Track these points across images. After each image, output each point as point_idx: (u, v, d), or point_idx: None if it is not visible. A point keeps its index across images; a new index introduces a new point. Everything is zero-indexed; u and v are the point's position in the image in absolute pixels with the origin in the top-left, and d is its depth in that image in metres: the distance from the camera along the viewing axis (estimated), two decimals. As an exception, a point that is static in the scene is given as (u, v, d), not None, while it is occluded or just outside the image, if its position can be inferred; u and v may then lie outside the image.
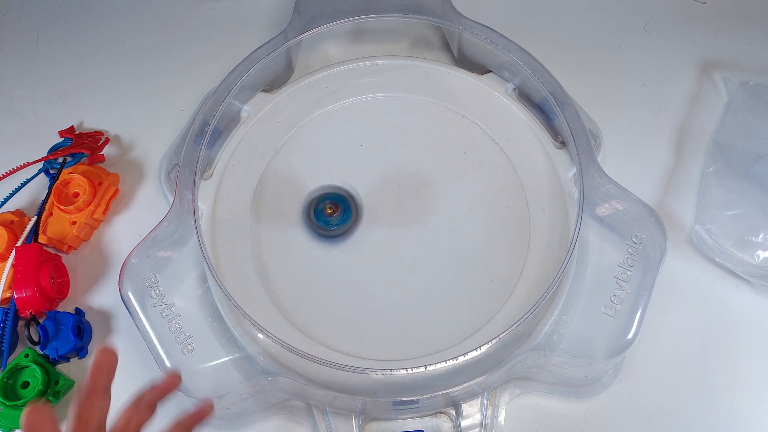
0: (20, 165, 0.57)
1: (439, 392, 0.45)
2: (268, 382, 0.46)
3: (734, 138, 0.56)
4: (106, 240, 0.56)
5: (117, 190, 0.57)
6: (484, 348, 0.45)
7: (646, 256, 0.48)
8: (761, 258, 0.51)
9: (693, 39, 0.63)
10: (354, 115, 0.57)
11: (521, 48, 0.54)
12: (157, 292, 0.48)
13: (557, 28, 0.64)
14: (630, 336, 0.46)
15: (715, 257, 0.52)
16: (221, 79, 0.54)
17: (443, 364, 0.44)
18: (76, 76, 0.63)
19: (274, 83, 0.58)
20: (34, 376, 0.48)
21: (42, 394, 0.48)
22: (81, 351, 0.51)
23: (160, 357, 0.46)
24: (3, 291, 0.50)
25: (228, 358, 0.48)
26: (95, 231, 0.56)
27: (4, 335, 0.50)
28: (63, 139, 0.59)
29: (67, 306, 0.53)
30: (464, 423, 0.47)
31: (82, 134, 0.59)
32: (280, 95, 0.57)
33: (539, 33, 0.63)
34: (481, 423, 0.47)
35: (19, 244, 0.52)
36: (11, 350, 0.50)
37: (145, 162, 0.59)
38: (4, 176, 0.57)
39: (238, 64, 0.54)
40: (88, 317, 0.52)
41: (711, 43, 0.62)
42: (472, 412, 0.47)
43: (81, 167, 0.56)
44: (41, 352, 0.50)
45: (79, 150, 0.57)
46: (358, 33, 0.63)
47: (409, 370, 0.44)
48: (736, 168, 0.55)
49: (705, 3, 0.65)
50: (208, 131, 0.52)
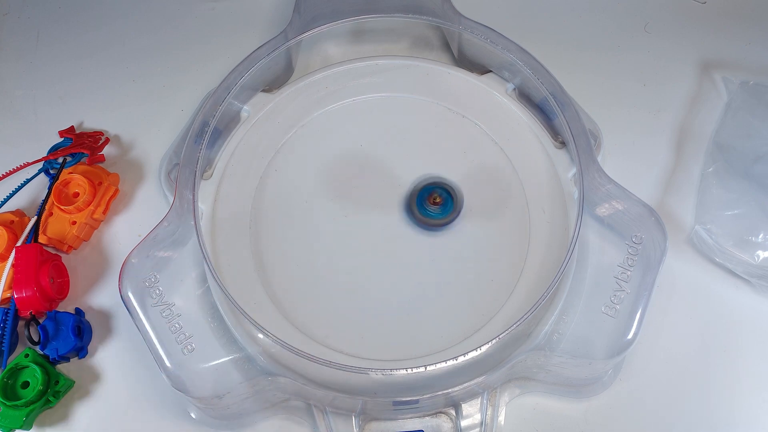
0: (20, 165, 0.57)
1: (439, 392, 0.45)
2: (268, 382, 0.46)
3: (734, 138, 0.56)
4: (106, 240, 0.56)
5: (117, 190, 0.57)
6: (484, 348, 0.45)
7: (646, 256, 0.48)
8: (761, 258, 0.51)
9: (693, 39, 0.63)
10: (354, 115, 0.57)
11: (521, 48, 0.54)
12: (157, 292, 0.48)
13: (557, 28, 0.64)
14: (630, 336, 0.46)
15: (715, 257, 0.52)
16: (221, 79, 0.54)
17: (443, 364, 0.44)
18: (76, 76, 0.63)
19: (274, 83, 0.58)
20: (34, 376, 0.48)
21: (42, 394, 0.48)
22: (81, 351, 0.51)
23: (160, 357, 0.46)
24: (3, 291, 0.50)
25: (228, 358, 0.47)
26: (95, 231, 0.56)
27: (4, 335, 0.50)
28: (63, 139, 0.59)
29: (67, 306, 0.53)
30: (464, 423, 0.47)
31: (82, 134, 0.59)
32: (280, 95, 0.57)
33: (539, 33, 0.63)
34: (481, 423, 0.47)
35: (19, 244, 0.52)
36: (11, 350, 0.50)
37: (145, 162, 0.59)
38: (4, 176, 0.57)
39: (238, 64, 0.54)
40: (88, 317, 0.52)
41: (711, 43, 0.62)
42: (472, 412, 0.47)
43: (81, 167, 0.56)
44: (41, 352, 0.50)
45: (79, 150, 0.57)
46: (358, 33, 0.63)
47: (409, 370, 0.44)
48: (736, 168, 0.55)
49: (705, 3, 0.65)
50: (208, 131, 0.52)
